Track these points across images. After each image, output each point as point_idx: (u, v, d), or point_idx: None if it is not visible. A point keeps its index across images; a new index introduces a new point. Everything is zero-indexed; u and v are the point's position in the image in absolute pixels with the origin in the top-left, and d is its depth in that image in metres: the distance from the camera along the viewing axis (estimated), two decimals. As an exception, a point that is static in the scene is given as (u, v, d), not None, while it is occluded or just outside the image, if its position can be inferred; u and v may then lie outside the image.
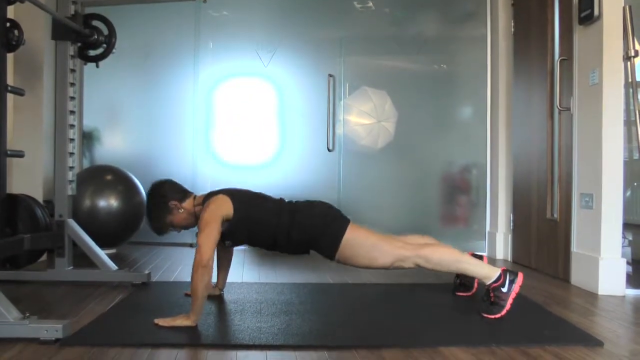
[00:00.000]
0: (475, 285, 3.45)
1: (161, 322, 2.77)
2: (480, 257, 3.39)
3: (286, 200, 3.27)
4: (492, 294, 2.95)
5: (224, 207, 3.01)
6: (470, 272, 3.07)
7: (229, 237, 3.13)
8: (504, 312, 2.89)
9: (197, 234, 2.92)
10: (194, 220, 3.21)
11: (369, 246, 3.04)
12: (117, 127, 6.39)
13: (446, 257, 3.02)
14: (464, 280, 3.52)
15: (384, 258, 3.02)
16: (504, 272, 2.95)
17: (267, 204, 3.18)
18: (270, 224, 3.10)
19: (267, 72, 5.98)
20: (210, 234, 2.87)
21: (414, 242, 3.19)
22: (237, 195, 3.11)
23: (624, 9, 3.62)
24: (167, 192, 3.18)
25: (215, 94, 6.09)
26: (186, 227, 3.25)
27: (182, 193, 3.21)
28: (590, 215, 3.77)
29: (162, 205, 3.14)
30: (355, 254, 3.05)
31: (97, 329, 2.73)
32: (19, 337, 2.49)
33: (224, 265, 3.58)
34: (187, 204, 3.17)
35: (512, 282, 2.93)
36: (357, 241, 3.04)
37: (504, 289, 2.92)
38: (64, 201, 3.88)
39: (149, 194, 3.25)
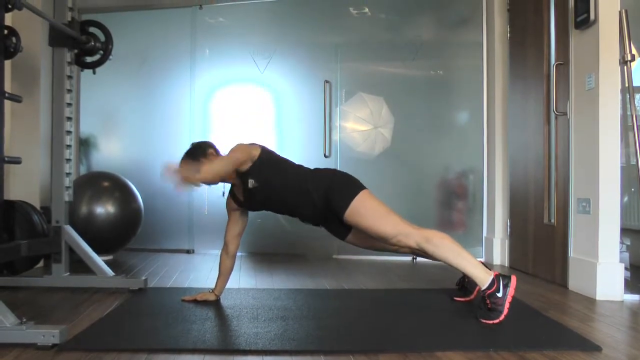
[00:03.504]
0: (475, 292, 3.44)
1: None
2: (481, 265, 3.42)
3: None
4: (488, 301, 2.94)
5: (252, 148, 3.33)
6: (465, 269, 3.06)
7: (253, 175, 3.30)
8: (502, 317, 2.88)
9: None
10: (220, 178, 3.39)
11: (381, 211, 3.19)
12: (113, 134, 6.40)
13: (448, 244, 3.07)
14: (466, 284, 3.51)
15: (390, 226, 3.14)
16: (497, 277, 2.95)
17: (289, 161, 3.48)
18: (292, 167, 3.41)
19: (263, 79, 6.00)
20: (224, 163, 3.25)
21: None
22: (265, 147, 3.41)
23: (620, 13, 3.62)
24: (207, 144, 3.49)
25: (211, 100, 6.11)
26: (211, 181, 3.38)
27: (218, 150, 3.51)
28: (588, 220, 3.77)
29: (201, 149, 3.42)
30: (366, 212, 3.19)
31: (93, 334, 2.72)
32: (16, 343, 2.48)
33: (224, 272, 3.56)
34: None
35: (506, 286, 2.92)
36: (371, 203, 3.22)
37: (499, 294, 2.91)
38: (61, 207, 3.88)
39: (192, 143, 3.51)
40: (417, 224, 3.22)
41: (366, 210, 3.19)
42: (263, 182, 3.31)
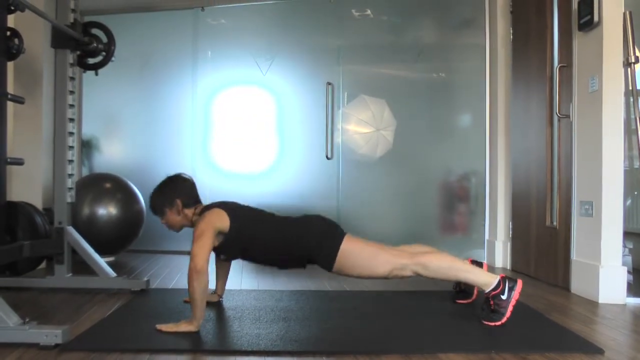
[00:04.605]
0: (475, 292, 3.45)
1: (164, 327, 2.77)
2: (480, 264, 3.40)
3: (281, 216, 3.26)
4: (491, 302, 2.94)
5: (220, 220, 3.02)
6: (469, 280, 3.06)
7: (224, 251, 3.16)
8: (504, 319, 2.88)
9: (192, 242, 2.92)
10: (186, 226, 3.26)
11: (367, 255, 3.02)
12: (115, 135, 6.41)
13: (444, 264, 3.00)
14: (464, 287, 3.51)
15: (382, 267, 2.99)
16: (503, 279, 2.95)
17: (262, 220, 3.19)
18: (265, 240, 3.10)
19: (266, 81, 5.99)
20: (204, 243, 2.88)
21: (412, 251, 3.17)
22: (233, 210, 3.10)
23: (624, 14, 3.62)
24: (181, 189, 3.24)
25: (213, 102, 6.11)
26: (172, 228, 3.28)
27: (191, 200, 3.24)
28: (590, 223, 3.76)
29: (169, 197, 3.19)
30: (353, 263, 3.03)
31: (96, 334, 2.72)
32: (19, 342, 2.50)
33: (222, 272, 3.58)
34: (188, 212, 3.20)
35: (511, 289, 2.92)
36: (355, 251, 3.03)
37: (504, 297, 2.91)
38: (63, 208, 3.88)
39: (170, 178, 3.30)
40: (420, 227, 3.20)
41: (353, 261, 3.03)
42: (234, 256, 3.27)
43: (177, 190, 3.21)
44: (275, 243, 3.09)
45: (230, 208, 3.11)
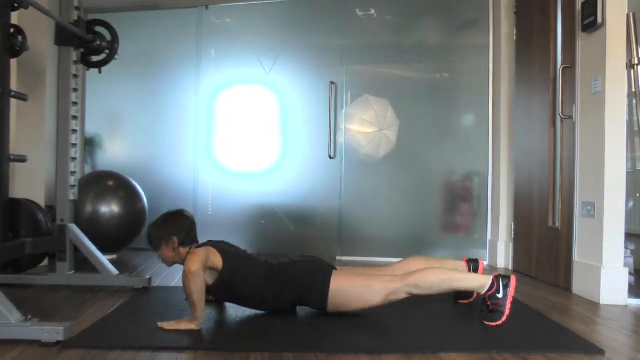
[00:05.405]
0: (476, 293, 3.44)
1: (165, 325, 2.79)
2: (476, 262, 3.41)
3: (268, 261, 3.22)
4: (489, 302, 2.94)
5: (213, 255, 3.00)
6: (463, 287, 3.08)
7: (215, 290, 3.10)
8: (504, 318, 2.89)
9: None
10: (178, 262, 3.22)
11: (358, 290, 3.03)
12: (118, 134, 6.41)
13: (435, 279, 2.99)
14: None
15: (375, 297, 3.00)
16: (496, 278, 2.95)
17: (253, 260, 3.18)
18: (256, 280, 3.08)
19: (269, 80, 6.00)
20: (198, 255, 2.89)
21: (402, 271, 3.17)
22: (224, 250, 3.09)
23: (627, 16, 3.61)
24: (180, 227, 3.20)
25: (217, 101, 6.11)
26: (164, 262, 3.24)
27: (188, 239, 3.19)
28: (592, 224, 3.76)
29: (167, 234, 3.15)
30: (347, 300, 3.04)
31: (97, 332, 2.73)
32: (21, 339, 2.51)
33: None
34: (183, 251, 3.16)
35: (506, 287, 2.92)
36: (345, 288, 3.03)
37: (500, 295, 2.92)
38: (65, 206, 3.88)
39: (171, 214, 3.28)
40: (422, 227, 3.19)
41: (347, 296, 3.03)
42: (223, 297, 3.26)
43: (176, 228, 3.18)
44: (266, 283, 3.06)
45: (222, 248, 3.10)
